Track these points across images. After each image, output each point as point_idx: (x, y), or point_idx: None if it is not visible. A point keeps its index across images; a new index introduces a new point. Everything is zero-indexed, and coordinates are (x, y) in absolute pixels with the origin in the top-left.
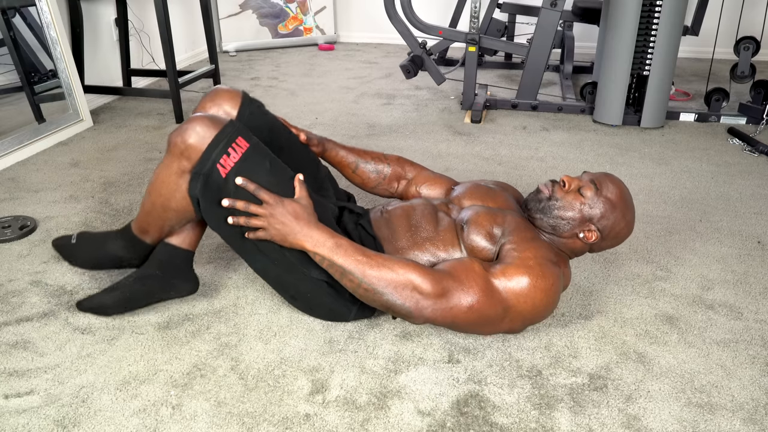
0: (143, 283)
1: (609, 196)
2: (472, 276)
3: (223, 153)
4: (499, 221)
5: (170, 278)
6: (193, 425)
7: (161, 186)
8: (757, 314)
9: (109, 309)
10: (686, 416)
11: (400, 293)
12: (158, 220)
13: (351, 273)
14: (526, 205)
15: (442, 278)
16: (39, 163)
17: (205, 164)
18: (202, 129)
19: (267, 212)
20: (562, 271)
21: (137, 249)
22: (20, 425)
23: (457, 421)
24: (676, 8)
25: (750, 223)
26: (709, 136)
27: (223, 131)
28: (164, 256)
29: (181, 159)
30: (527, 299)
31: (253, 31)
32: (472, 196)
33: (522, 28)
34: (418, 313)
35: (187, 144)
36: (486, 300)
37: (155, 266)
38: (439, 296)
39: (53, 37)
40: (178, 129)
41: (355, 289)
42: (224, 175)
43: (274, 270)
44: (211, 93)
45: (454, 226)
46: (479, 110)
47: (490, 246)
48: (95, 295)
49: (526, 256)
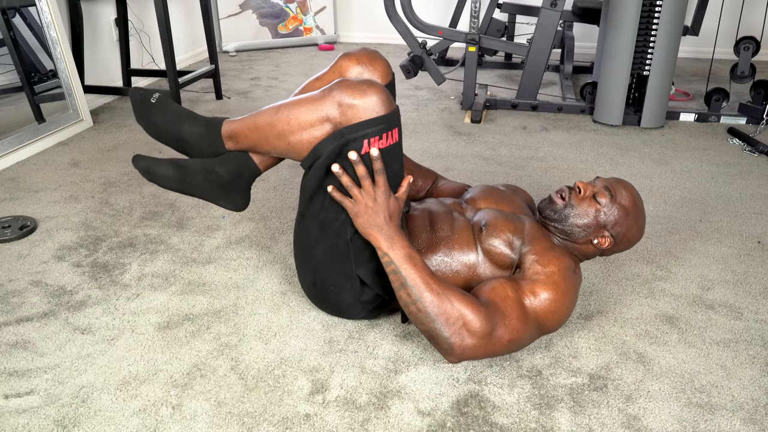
0: (207, 177)
1: (623, 202)
2: (510, 306)
3: (377, 134)
4: (518, 228)
5: (231, 186)
6: (193, 425)
7: (296, 116)
8: (757, 314)
9: (162, 180)
10: (686, 416)
11: (450, 327)
12: (262, 140)
13: (411, 288)
14: (541, 213)
15: (491, 314)
16: (39, 163)
17: (356, 131)
18: (376, 99)
19: (371, 196)
20: (578, 275)
21: (210, 147)
22: (20, 425)
23: (457, 421)
24: (676, 8)
25: (750, 223)
26: (709, 136)
27: (391, 116)
28: (239, 164)
29: (337, 109)
30: (554, 315)
31: (253, 31)
32: (487, 199)
33: (522, 28)
34: (459, 351)
35: (354, 104)
36: (524, 328)
37: (225, 168)
38: (486, 334)
39: (53, 37)
40: (356, 83)
41: (407, 305)
42: (364, 152)
43: (321, 250)
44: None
45: (470, 226)
46: (479, 110)
47: (509, 252)
48: (158, 161)
49: (552, 271)
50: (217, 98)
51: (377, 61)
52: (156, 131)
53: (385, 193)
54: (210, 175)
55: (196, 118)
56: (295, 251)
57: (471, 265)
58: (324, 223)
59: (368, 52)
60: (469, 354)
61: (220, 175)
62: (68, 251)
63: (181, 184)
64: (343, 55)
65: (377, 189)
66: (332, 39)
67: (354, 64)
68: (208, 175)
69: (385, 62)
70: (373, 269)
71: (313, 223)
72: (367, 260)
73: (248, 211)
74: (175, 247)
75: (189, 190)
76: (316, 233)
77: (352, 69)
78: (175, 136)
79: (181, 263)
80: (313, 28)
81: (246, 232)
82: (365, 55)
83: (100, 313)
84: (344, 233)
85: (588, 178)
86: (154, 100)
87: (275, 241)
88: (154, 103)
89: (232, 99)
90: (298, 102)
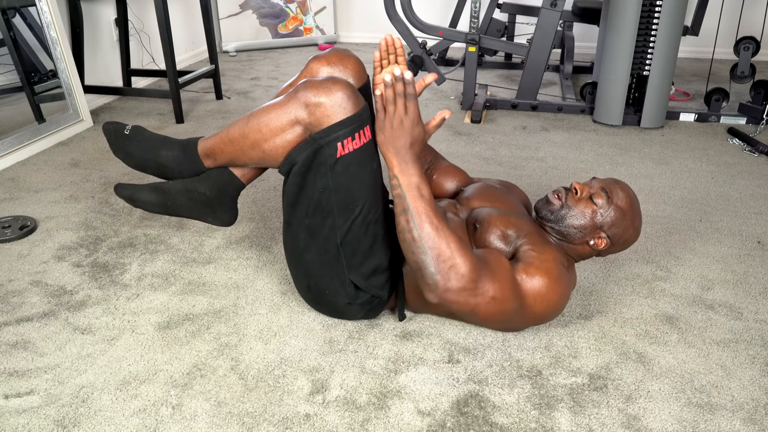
0: (190, 197)
1: (619, 203)
2: (502, 270)
3: (349, 135)
4: (513, 223)
5: (216, 203)
6: (193, 425)
7: (266, 123)
8: (757, 314)
9: (146, 205)
10: (686, 416)
11: (439, 264)
12: (237, 152)
13: (411, 215)
14: (538, 213)
15: (480, 266)
16: (39, 163)
17: (329, 135)
18: (342, 95)
19: (400, 117)
20: (571, 275)
21: (190, 167)
22: (20, 425)
23: (457, 421)
24: (676, 8)
25: (750, 223)
26: (709, 136)
27: (360, 114)
28: (220, 180)
29: (305, 110)
30: (543, 300)
31: (253, 31)
32: (481, 198)
33: (522, 28)
34: (442, 290)
35: (320, 102)
36: (508, 293)
37: (207, 186)
38: (470, 282)
39: (53, 37)
40: (319, 82)
41: (403, 231)
42: (339, 155)
43: (312, 255)
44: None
45: (465, 226)
46: (479, 110)
47: (504, 246)
48: (139, 187)
49: (546, 258)
50: (217, 98)
51: (347, 60)
52: (135, 161)
53: (413, 120)
54: (192, 194)
55: (171, 143)
56: (287, 257)
57: None
58: (311, 229)
59: (337, 52)
60: (452, 297)
61: (202, 194)
62: (68, 251)
63: (165, 207)
64: (313, 58)
65: (407, 114)
66: (332, 39)
67: (324, 65)
68: (191, 194)
69: (356, 60)
70: (365, 273)
71: (300, 230)
72: (359, 264)
73: (248, 211)
74: (175, 247)
75: (174, 212)
76: (305, 239)
77: (322, 70)
78: (154, 163)
79: (181, 263)
80: (313, 28)
81: (246, 232)
82: (334, 56)
83: (100, 313)
84: (333, 238)
85: (588, 178)
86: (128, 132)
87: (275, 241)
88: (128, 134)
89: (232, 99)
90: (267, 108)
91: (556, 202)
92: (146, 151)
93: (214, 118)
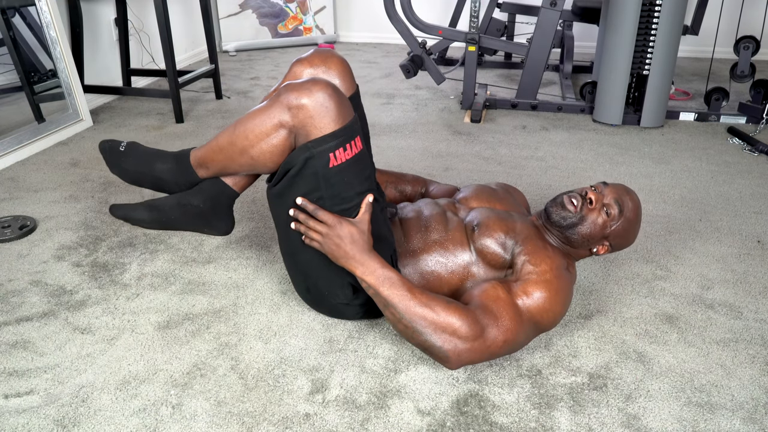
0: (183, 211)
1: (629, 215)
2: (502, 306)
3: (341, 146)
4: (511, 226)
5: (210, 214)
6: (193, 425)
7: (252, 129)
8: (757, 314)
9: (141, 223)
10: (686, 415)
11: (440, 335)
12: (227, 160)
13: (394, 306)
14: (549, 217)
15: (479, 317)
16: (39, 162)
17: (321, 145)
18: (323, 95)
19: (324, 231)
20: (572, 274)
21: (185, 179)
22: (20, 425)
23: (457, 421)
24: (676, 8)
25: (750, 222)
26: (708, 136)
27: (350, 126)
28: (212, 191)
29: (288, 113)
30: (548, 313)
31: (253, 30)
32: (479, 198)
33: (522, 27)
34: (455, 357)
35: (302, 104)
36: (517, 327)
37: (200, 198)
38: (477, 337)
39: (53, 37)
40: (299, 84)
41: (395, 323)
42: (331, 165)
43: (308, 257)
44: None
45: (463, 226)
46: (479, 110)
47: (502, 252)
48: (133, 207)
49: (543, 270)
50: (217, 98)
51: (330, 61)
52: (131, 176)
53: (335, 226)
54: (186, 208)
55: (165, 156)
56: (284, 259)
57: (465, 265)
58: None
59: (320, 53)
60: (466, 358)
61: (196, 206)
62: (68, 251)
63: (161, 223)
64: (296, 61)
65: (325, 225)
66: (332, 39)
67: (306, 67)
68: (184, 208)
69: (339, 60)
70: None
71: (294, 232)
72: None
73: (248, 211)
74: (174, 247)
75: (171, 226)
76: (299, 242)
77: (304, 72)
78: (149, 177)
79: (181, 263)
80: (313, 28)
81: (246, 232)
82: (317, 57)
83: (100, 313)
84: None
85: (588, 177)
86: (123, 148)
87: (275, 241)
88: (123, 150)
89: (231, 98)
90: (252, 114)
91: (572, 208)
92: (142, 165)
93: (214, 118)
